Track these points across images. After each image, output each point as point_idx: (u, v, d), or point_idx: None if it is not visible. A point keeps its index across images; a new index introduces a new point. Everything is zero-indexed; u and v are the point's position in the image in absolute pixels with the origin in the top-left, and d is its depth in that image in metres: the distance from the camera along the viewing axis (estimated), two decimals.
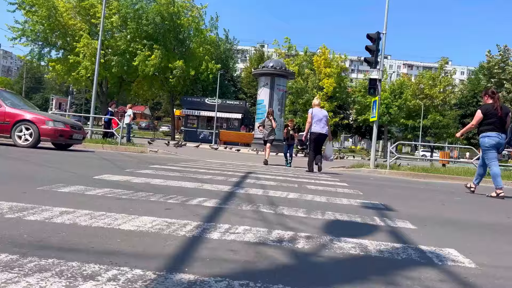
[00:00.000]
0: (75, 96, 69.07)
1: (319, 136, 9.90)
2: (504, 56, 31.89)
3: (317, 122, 9.87)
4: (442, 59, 46.63)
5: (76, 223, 2.47)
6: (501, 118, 6.81)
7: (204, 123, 39.67)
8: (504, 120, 6.83)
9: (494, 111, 6.79)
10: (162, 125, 65.06)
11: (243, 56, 79.37)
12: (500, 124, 6.82)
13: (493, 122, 6.80)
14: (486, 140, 6.86)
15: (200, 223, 2.77)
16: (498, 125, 6.81)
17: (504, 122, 6.84)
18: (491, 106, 6.86)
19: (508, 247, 2.92)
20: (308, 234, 2.70)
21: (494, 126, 6.80)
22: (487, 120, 6.84)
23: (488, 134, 6.84)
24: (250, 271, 1.83)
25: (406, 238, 2.90)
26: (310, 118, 9.93)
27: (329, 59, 42.08)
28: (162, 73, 36.68)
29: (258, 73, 24.66)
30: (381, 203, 4.73)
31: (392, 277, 1.94)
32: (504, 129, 6.85)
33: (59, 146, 10.72)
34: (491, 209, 5.50)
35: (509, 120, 6.90)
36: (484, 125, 6.91)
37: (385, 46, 13.04)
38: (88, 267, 1.66)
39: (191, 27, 37.18)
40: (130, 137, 18.38)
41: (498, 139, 6.80)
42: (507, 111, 6.90)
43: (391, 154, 13.51)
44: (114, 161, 8.11)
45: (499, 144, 6.81)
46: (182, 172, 6.74)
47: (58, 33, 34.33)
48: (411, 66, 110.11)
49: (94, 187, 3.96)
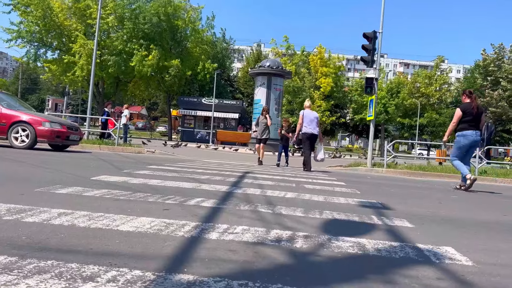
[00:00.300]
0: (71, 97, 68.96)
1: (310, 137, 10.34)
2: (500, 54, 32.02)
3: (308, 123, 10.31)
4: (438, 58, 46.79)
5: (75, 224, 2.47)
6: (477, 117, 7.29)
7: (201, 123, 39.61)
8: (479, 119, 7.31)
9: (471, 110, 7.26)
10: (159, 125, 64.89)
11: (239, 56, 79.35)
12: (475, 123, 7.28)
13: (470, 120, 7.25)
14: (462, 140, 7.35)
15: (198, 223, 2.77)
16: (474, 123, 7.26)
17: (479, 120, 7.31)
18: (469, 105, 7.33)
19: (504, 245, 2.94)
20: (306, 234, 2.71)
21: (470, 125, 7.25)
22: (465, 118, 7.30)
23: (464, 133, 7.32)
24: (249, 271, 1.84)
25: (404, 236, 2.91)
26: (301, 119, 10.40)
27: (326, 59, 42.14)
28: (159, 73, 36.61)
29: (255, 72, 24.67)
30: (379, 202, 4.74)
31: (390, 275, 1.95)
32: (479, 127, 7.31)
33: (55, 147, 10.69)
34: (488, 206, 5.53)
35: (483, 119, 7.40)
36: (461, 123, 7.35)
37: (382, 45, 13.07)
38: (87, 269, 1.67)
39: (187, 28, 37.13)
40: (127, 138, 18.33)
41: (473, 138, 7.26)
42: (482, 111, 7.44)
43: (388, 152, 13.54)
44: (111, 162, 8.10)
45: (475, 141, 7.29)
46: (179, 172, 6.74)
47: (53, 33, 34.21)
48: (408, 65, 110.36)
49: (92, 188, 3.96)
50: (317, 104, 39.96)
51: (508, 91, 30.18)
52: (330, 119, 41.94)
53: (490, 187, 9.84)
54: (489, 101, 31.70)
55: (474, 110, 7.25)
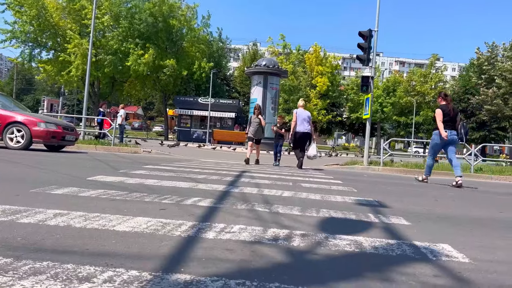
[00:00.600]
0: (67, 97, 68.68)
1: (302, 135, 10.58)
2: (493, 52, 32.15)
3: (301, 122, 10.55)
4: (433, 56, 46.94)
5: (70, 225, 2.45)
6: (453, 118, 7.94)
7: (198, 122, 39.56)
8: (455, 119, 7.96)
9: (448, 112, 7.90)
10: (155, 125, 64.73)
11: (236, 55, 79.25)
12: (452, 122, 7.91)
13: (446, 121, 7.87)
14: (436, 138, 8.01)
15: (195, 222, 2.76)
16: (450, 123, 7.90)
17: (455, 121, 7.96)
18: (446, 106, 7.97)
19: (501, 242, 2.95)
20: (303, 232, 2.71)
21: (447, 124, 7.85)
22: (445, 118, 7.88)
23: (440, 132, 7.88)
24: (246, 270, 1.84)
25: (401, 234, 2.92)
26: (295, 118, 10.62)
27: (321, 57, 42.17)
28: (155, 73, 36.50)
29: (251, 71, 24.63)
30: (375, 200, 4.75)
31: (387, 273, 1.95)
32: (454, 127, 7.94)
33: (51, 147, 10.64)
34: (483, 204, 5.56)
35: (459, 119, 8.05)
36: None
37: (377, 43, 13.10)
38: (83, 269, 1.66)
39: (183, 27, 37.05)
40: (123, 138, 18.27)
41: (449, 136, 7.82)
42: (457, 112, 8.14)
43: (384, 150, 13.59)
44: (107, 162, 8.07)
45: (451, 140, 7.87)
46: (176, 172, 6.73)
47: (48, 33, 34.05)
48: (403, 63, 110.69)
49: (88, 189, 3.94)
50: (313, 103, 40.00)
51: (502, 89, 30.27)
52: (327, 118, 41.98)
53: (486, 184, 9.89)
54: (484, 99, 31.81)
55: (451, 112, 7.90)
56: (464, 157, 14.65)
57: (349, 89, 46.07)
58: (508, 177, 11.72)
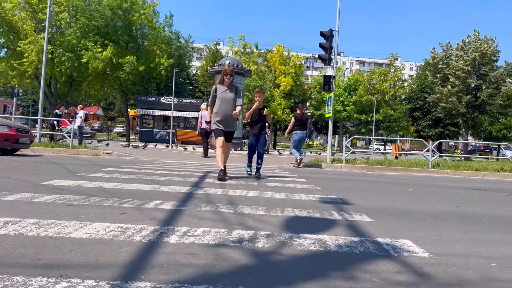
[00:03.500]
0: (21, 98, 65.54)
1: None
2: (447, 52, 33.55)
3: None
4: (392, 56, 48.45)
5: (22, 233, 2.31)
6: (304, 123, 11.66)
7: (161, 123, 38.81)
8: (305, 124, 11.66)
9: (300, 118, 11.65)
10: (116, 126, 62.94)
11: (199, 54, 78.47)
12: (304, 126, 11.64)
13: (298, 124, 11.64)
14: (294, 136, 11.78)
15: (157, 227, 2.68)
16: (302, 126, 11.64)
17: (305, 124, 11.66)
18: (299, 115, 11.75)
19: (458, 235, 3.06)
20: (268, 233, 2.69)
21: (300, 127, 11.63)
22: (296, 123, 11.67)
23: (296, 132, 11.69)
24: (210, 275, 1.79)
25: (364, 231, 2.96)
26: None
27: (285, 57, 42.50)
28: (114, 71, 35.44)
29: (214, 71, 24.42)
30: (339, 197, 4.82)
31: (351, 271, 1.96)
32: (305, 128, 11.67)
33: (4, 151, 10.08)
34: (442, 198, 5.76)
35: (309, 123, 11.78)
36: (295, 126, 11.68)
37: (338, 43, 13.33)
38: (34, 281, 1.55)
39: (144, 25, 36.24)
40: (82, 139, 17.62)
41: (301, 135, 11.68)
42: (307, 118, 11.84)
43: (346, 148, 13.85)
44: (64, 165, 7.74)
45: (302, 138, 11.73)
46: (137, 174, 6.55)
47: (1, 30, 32.28)
48: (363, 63, 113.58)
49: (43, 194, 3.75)
50: (277, 102, 40.26)
51: (456, 87, 31.62)
52: (290, 117, 42.33)
53: (443, 179, 10.30)
54: (439, 97, 33.10)
55: (302, 118, 11.64)
56: (423, 153, 15.20)
57: (312, 88, 46.71)
58: (463, 171, 12.27)
